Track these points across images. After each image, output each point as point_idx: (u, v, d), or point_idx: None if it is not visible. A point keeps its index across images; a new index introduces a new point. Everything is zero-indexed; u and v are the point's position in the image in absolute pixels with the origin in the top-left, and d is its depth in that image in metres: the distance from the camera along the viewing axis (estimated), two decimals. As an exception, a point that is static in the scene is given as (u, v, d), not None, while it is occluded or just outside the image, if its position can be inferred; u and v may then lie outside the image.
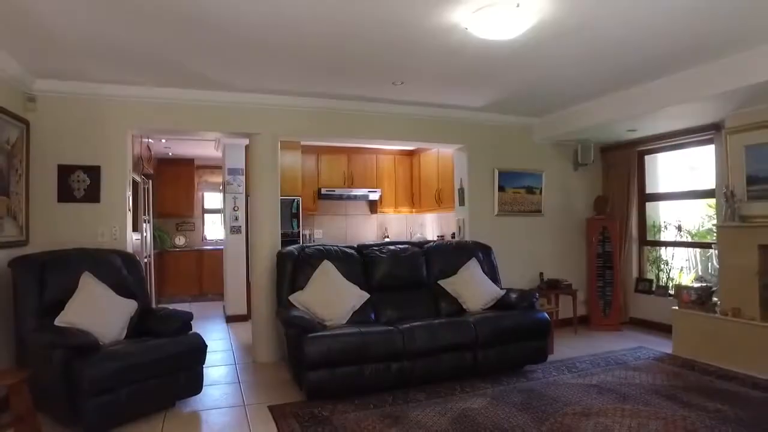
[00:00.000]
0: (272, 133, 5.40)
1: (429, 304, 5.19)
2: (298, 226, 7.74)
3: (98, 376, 3.32)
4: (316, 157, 8.42)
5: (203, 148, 8.64)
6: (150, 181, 6.59)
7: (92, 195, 4.72)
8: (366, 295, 4.86)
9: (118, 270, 4.35)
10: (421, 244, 5.63)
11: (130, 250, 4.98)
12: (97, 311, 3.90)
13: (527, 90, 5.32)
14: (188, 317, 4.22)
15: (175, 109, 5.04)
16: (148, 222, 6.52)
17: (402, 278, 5.21)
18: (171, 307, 9.15)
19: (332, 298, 4.62)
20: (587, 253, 6.97)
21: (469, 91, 5.34)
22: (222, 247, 8.73)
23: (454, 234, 7.56)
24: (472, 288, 5.23)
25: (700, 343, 5.08)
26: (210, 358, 5.33)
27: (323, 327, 4.39)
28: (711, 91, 4.55)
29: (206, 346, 4.11)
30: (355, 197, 8.64)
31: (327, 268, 4.82)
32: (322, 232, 8.81)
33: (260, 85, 4.95)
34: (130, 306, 4.18)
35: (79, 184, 4.67)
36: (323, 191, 8.32)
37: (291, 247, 5.00)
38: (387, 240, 9.03)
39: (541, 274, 6.61)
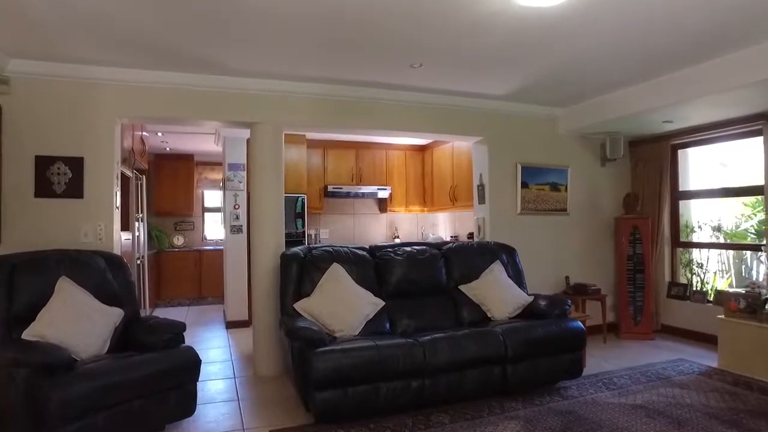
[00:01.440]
0: (275, 122, 4.89)
1: (449, 312, 4.68)
2: (303, 226, 7.25)
3: (70, 399, 2.82)
4: (323, 153, 7.92)
5: (203, 142, 8.15)
6: (143, 177, 6.08)
7: (74, 190, 4.22)
8: (380, 303, 4.36)
9: (101, 274, 3.86)
10: (440, 246, 5.12)
11: (117, 251, 4.48)
12: (75, 321, 3.40)
13: (556, 75, 4.81)
14: (180, 328, 3.71)
15: (167, 95, 4.54)
16: (142, 220, 6.01)
17: (419, 283, 4.70)
18: (168, 310, 8.90)
19: (343, 306, 4.11)
20: (616, 254, 6.45)
21: (492, 75, 4.82)
22: (222, 247, 8.26)
23: (470, 234, 7.07)
24: (497, 294, 4.72)
25: (753, 357, 4.55)
26: (207, 369, 4.86)
27: (332, 339, 3.88)
28: (764, 76, 4.04)
29: (200, 361, 3.60)
30: (364, 195, 8.14)
31: (337, 272, 4.31)
32: (328, 232, 8.32)
33: (263, 67, 4.44)
34: (114, 315, 3.69)
35: (60, 177, 4.17)
36: (330, 189, 7.82)
37: (296, 249, 4.49)
38: (398, 241, 8.53)
39: (567, 278, 6.09)
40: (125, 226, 5.45)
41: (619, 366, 4.94)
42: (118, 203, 4.58)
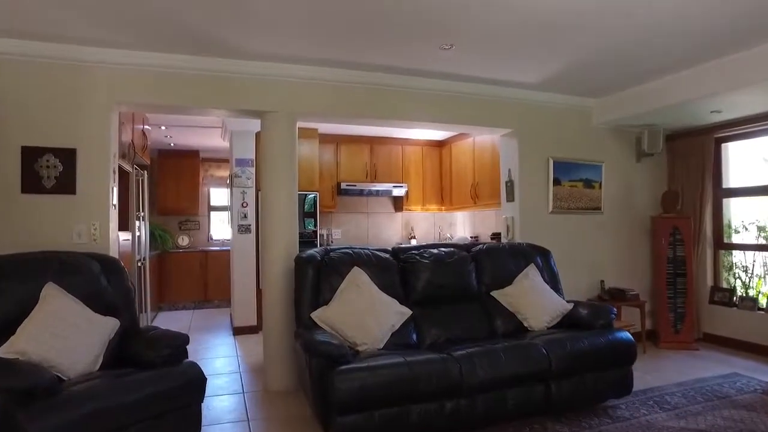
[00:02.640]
0: (288, 111, 4.44)
1: (481, 321, 4.22)
2: (315, 225, 6.80)
3: (51, 430, 2.37)
4: (336, 148, 7.48)
5: (208, 137, 7.72)
6: (145, 173, 5.64)
7: (66, 185, 3.79)
8: (407, 312, 3.90)
9: (95, 279, 3.42)
10: (468, 247, 4.65)
11: (114, 253, 4.05)
12: (62, 335, 2.95)
13: (596, 60, 4.37)
14: (182, 341, 3.27)
15: (169, 80, 4.10)
16: (143, 219, 5.58)
17: (448, 289, 4.24)
18: (172, 314, 8.46)
19: (366, 315, 3.65)
20: (653, 257, 5.97)
21: (528, 59, 4.37)
22: (229, 247, 7.84)
23: (494, 235, 6.62)
24: (533, 301, 4.26)
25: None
26: (213, 383, 4.43)
27: (355, 353, 3.43)
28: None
29: (205, 379, 3.16)
30: (378, 193, 7.68)
31: (358, 277, 3.85)
32: (340, 232, 7.88)
33: (276, 50, 4.01)
34: (108, 326, 3.25)
35: (49, 170, 3.74)
36: (343, 186, 7.37)
37: (312, 251, 4.04)
38: (414, 242, 8.07)
39: (602, 282, 5.62)
40: (124, 225, 5.01)
41: (667, 381, 4.47)
42: (116, 200, 4.15)
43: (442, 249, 4.46)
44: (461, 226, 8.27)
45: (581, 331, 3.92)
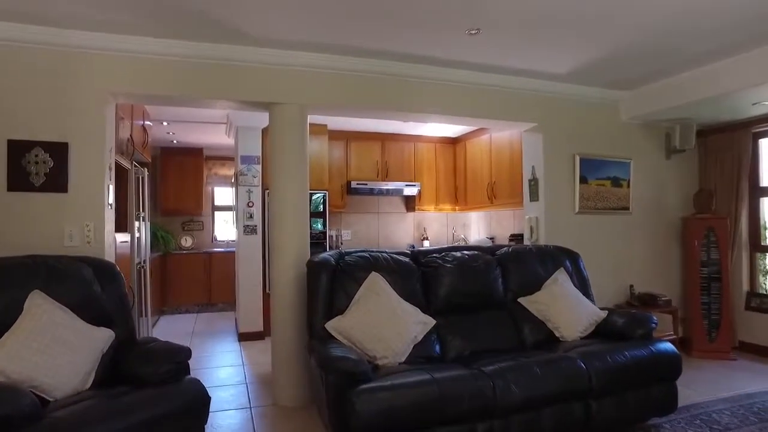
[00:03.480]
0: (299, 103, 4.11)
1: (509, 330, 3.88)
2: (325, 226, 6.47)
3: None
4: (345, 145, 7.14)
5: (212, 134, 7.39)
6: (145, 170, 5.31)
7: (57, 182, 3.46)
8: (431, 321, 3.57)
9: (87, 286, 3.09)
10: (492, 250, 4.31)
11: (110, 256, 3.72)
12: (48, 350, 2.62)
13: (630, 48, 4.05)
14: (184, 355, 2.93)
15: (170, 68, 3.77)
16: (143, 220, 5.25)
17: (473, 296, 3.91)
18: (175, 318, 8.13)
19: (386, 326, 3.31)
20: (685, 260, 5.61)
21: (556, 49, 4.04)
22: (234, 249, 7.52)
23: (513, 236, 6.28)
24: (564, 308, 3.92)
25: None
26: (218, 396, 4.12)
27: (374, 368, 3.09)
28: None
29: (209, 399, 2.83)
30: (389, 192, 7.32)
31: (377, 283, 3.51)
32: (350, 233, 7.53)
33: (287, 35, 3.68)
34: (101, 338, 2.92)
35: (38, 166, 3.41)
36: (353, 185, 7.02)
37: (326, 255, 3.70)
38: (427, 243, 7.73)
39: (631, 287, 5.27)
40: (123, 226, 4.69)
41: (710, 395, 4.11)
42: (112, 199, 3.81)
43: (465, 252, 4.11)
44: (475, 227, 7.91)
45: (619, 342, 3.58)
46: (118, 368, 2.95)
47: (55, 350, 2.65)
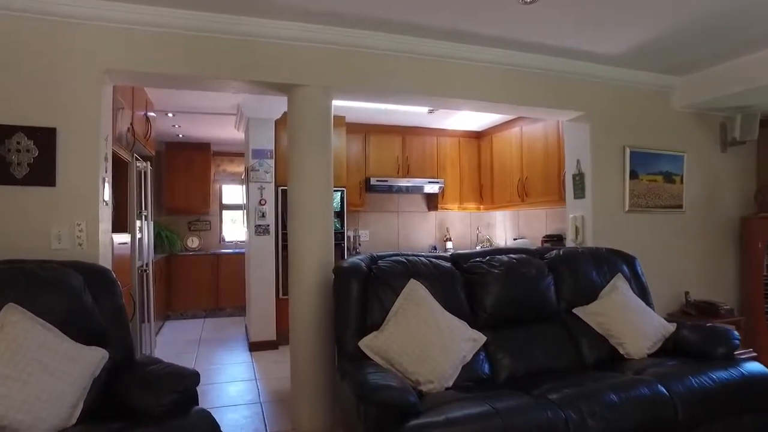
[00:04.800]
0: (323, 84, 3.60)
1: (565, 346, 3.36)
2: (343, 226, 5.96)
3: None
4: (364, 139, 6.65)
5: (221, 127, 6.90)
6: (148, 164, 4.81)
7: (42, 174, 2.96)
8: (481, 338, 3.05)
9: (75, 296, 2.58)
10: (541, 253, 3.79)
11: (106, 260, 3.23)
12: (23, 377, 2.13)
13: (690, 26, 3.53)
14: (191, 381, 2.44)
15: (174, 43, 3.27)
16: (146, 218, 4.75)
17: (524, 306, 3.39)
18: (181, 324, 7.60)
19: (431, 343, 2.79)
20: (745, 264, 5.07)
21: (617, 23, 3.52)
22: (243, 250, 7.04)
23: (548, 237, 5.76)
24: (628, 320, 3.40)
25: None
26: (229, 420, 3.62)
27: (419, 395, 2.57)
28: None
29: (221, 437, 2.31)
30: (408, 190, 6.81)
31: (417, 292, 2.99)
32: (368, 233, 7.02)
33: (306, 4, 3.16)
34: (92, 360, 2.42)
35: (21, 155, 2.91)
36: (373, 181, 6.51)
37: (356, 259, 3.18)
38: (450, 245, 7.22)
39: (686, 293, 4.73)
40: (122, 226, 4.19)
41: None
42: (108, 195, 3.31)
43: (512, 256, 3.59)
44: (501, 227, 7.40)
45: (699, 362, 3.05)
46: (113, 395, 2.45)
47: (33, 378, 2.15)
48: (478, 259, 3.50)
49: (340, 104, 3.70)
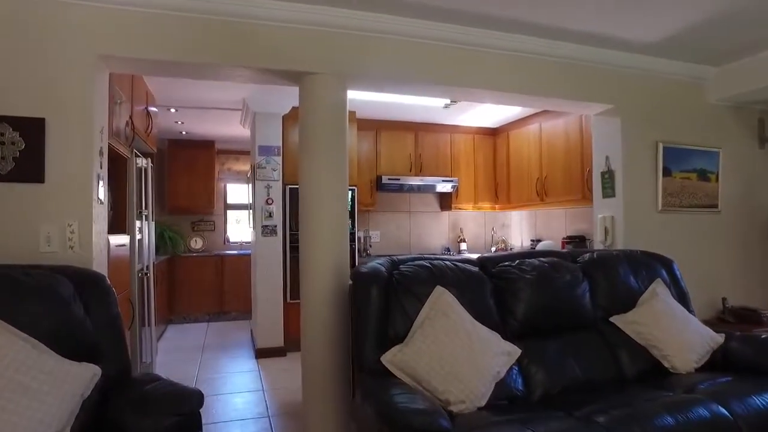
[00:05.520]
0: (337, 72, 3.31)
1: (604, 358, 3.06)
2: (354, 226, 5.67)
3: None
4: (375, 135, 6.36)
5: (225, 123, 6.62)
6: (149, 161, 4.52)
7: (29, 169, 2.68)
8: (516, 351, 2.76)
9: (64, 306, 2.31)
10: (573, 256, 3.49)
11: (101, 264, 2.95)
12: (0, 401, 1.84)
13: (730, 9, 3.20)
14: (194, 403, 2.16)
15: (174, 25, 2.98)
16: (147, 218, 4.47)
17: (558, 314, 3.10)
18: (184, 328, 7.32)
19: (461, 358, 2.50)
20: (783, 268, 4.77)
21: (655, 7, 3.21)
22: (249, 251, 6.76)
23: (569, 239, 5.46)
24: (671, 330, 3.11)
25: None
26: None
27: (449, 417, 2.28)
28: None
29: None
30: (419, 188, 6.52)
31: (444, 300, 2.70)
32: (379, 234, 6.73)
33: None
34: (81, 378, 2.14)
35: (5, 148, 2.63)
36: (384, 180, 6.22)
37: (375, 263, 2.89)
38: (464, 246, 6.92)
39: (724, 299, 4.42)
40: (121, 227, 3.91)
41: None
42: (103, 193, 3.03)
43: (543, 259, 3.29)
44: (517, 227, 7.10)
45: (756, 378, 2.76)
46: (106, 417, 2.18)
47: (11, 402, 1.87)
48: (507, 263, 3.20)
49: (350, 98, 3.42)
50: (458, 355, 2.49)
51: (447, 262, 3.02)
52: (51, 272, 2.39)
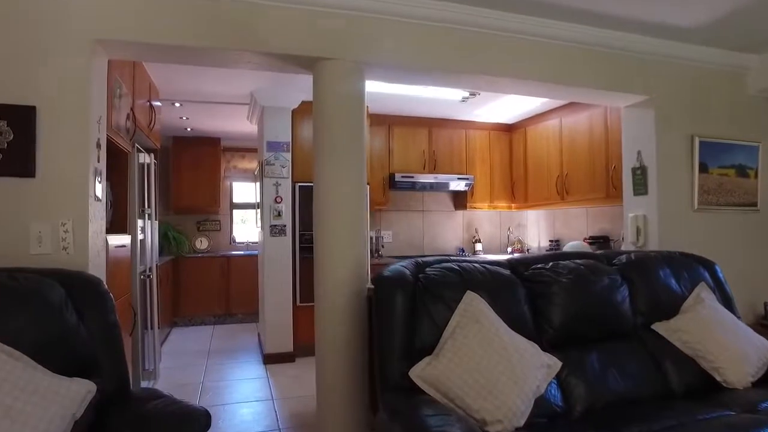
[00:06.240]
0: (355, 58, 3.05)
1: (648, 370, 2.78)
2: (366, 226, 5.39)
3: None
4: (388, 131, 6.10)
5: (232, 119, 6.39)
6: (152, 156, 4.28)
7: (18, 162, 2.43)
8: (556, 364, 2.49)
9: (54, 314, 2.06)
10: (609, 258, 3.22)
11: (98, 266, 2.70)
12: (-23, 429, 1.59)
13: None
14: (200, 425, 1.91)
15: (177, 6, 2.73)
16: (150, 217, 4.22)
17: (597, 321, 2.84)
18: (189, 331, 7.06)
19: (498, 372, 2.23)
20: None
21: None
22: (255, 252, 6.52)
23: (594, 239, 5.19)
24: (720, 339, 2.83)
25: None
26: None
27: (486, 439, 2.02)
28: None
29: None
30: (432, 187, 6.26)
31: (476, 306, 2.44)
32: (391, 234, 6.47)
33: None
34: (73, 396, 1.89)
35: (-8, 139, 2.38)
36: (398, 177, 5.97)
37: (399, 266, 2.62)
38: (480, 246, 6.66)
39: (766, 303, 4.14)
40: (121, 226, 3.67)
41: None
42: (101, 190, 2.78)
43: (577, 261, 3.02)
44: (534, 227, 6.83)
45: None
46: (101, 438, 1.93)
47: (-11, 428, 1.61)
48: (540, 265, 2.93)
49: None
50: (494, 368, 2.22)
51: (476, 265, 2.76)
52: (40, 276, 2.15)
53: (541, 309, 2.73)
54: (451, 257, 2.89)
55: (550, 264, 2.94)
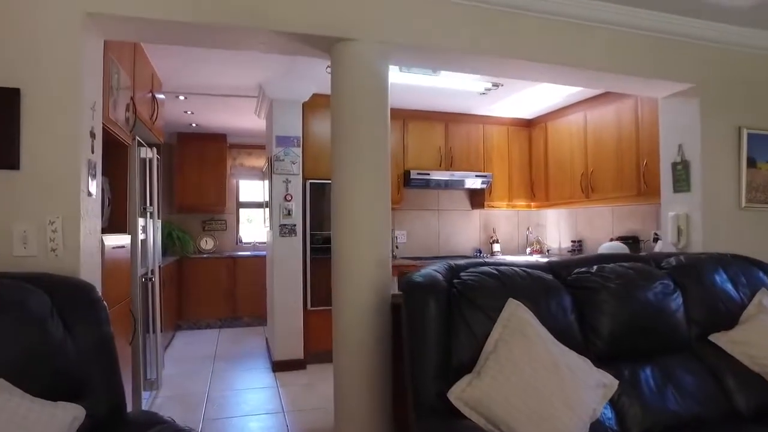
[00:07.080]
0: (378, 39, 2.75)
1: (707, 387, 2.47)
2: (381, 226, 5.09)
3: None
4: (402, 126, 5.80)
5: (238, 113, 6.12)
6: (154, 151, 3.98)
7: (1, 152, 2.13)
8: (613, 383, 2.18)
9: (36, 327, 1.78)
10: (657, 261, 2.91)
11: (92, 271, 2.41)
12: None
13: None
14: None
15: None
16: (152, 216, 3.94)
17: (649, 333, 2.53)
18: (194, 334, 6.74)
19: (548, 392, 1.93)
20: None
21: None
22: (263, 253, 6.24)
23: (623, 239, 4.88)
24: (791, 354, 2.51)
25: None
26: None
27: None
28: None
29: None
30: (447, 185, 5.96)
31: (521, 317, 2.13)
32: (405, 234, 6.17)
33: None
34: (58, 423, 1.61)
35: (-30, 125, 2.09)
36: (414, 175, 5.67)
37: (430, 270, 2.32)
38: (497, 247, 6.36)
39: (816, 310, 3.81)
40: (121, 225, 3.38)
41: None
42: (95, 186, 2.48)
43: (624, 265, 2.71)
44: (554, 227, 6.51)
45: None
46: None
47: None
48: (584, 269, 2.62)
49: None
50: (544, 389, 1.92)
51: (515, 268, 2.45)
52: (21, 281, 1.86)
53: (585, 318, 2.42)
54: (487, 260, 2.59)
55: (595, 268, 2.63)
